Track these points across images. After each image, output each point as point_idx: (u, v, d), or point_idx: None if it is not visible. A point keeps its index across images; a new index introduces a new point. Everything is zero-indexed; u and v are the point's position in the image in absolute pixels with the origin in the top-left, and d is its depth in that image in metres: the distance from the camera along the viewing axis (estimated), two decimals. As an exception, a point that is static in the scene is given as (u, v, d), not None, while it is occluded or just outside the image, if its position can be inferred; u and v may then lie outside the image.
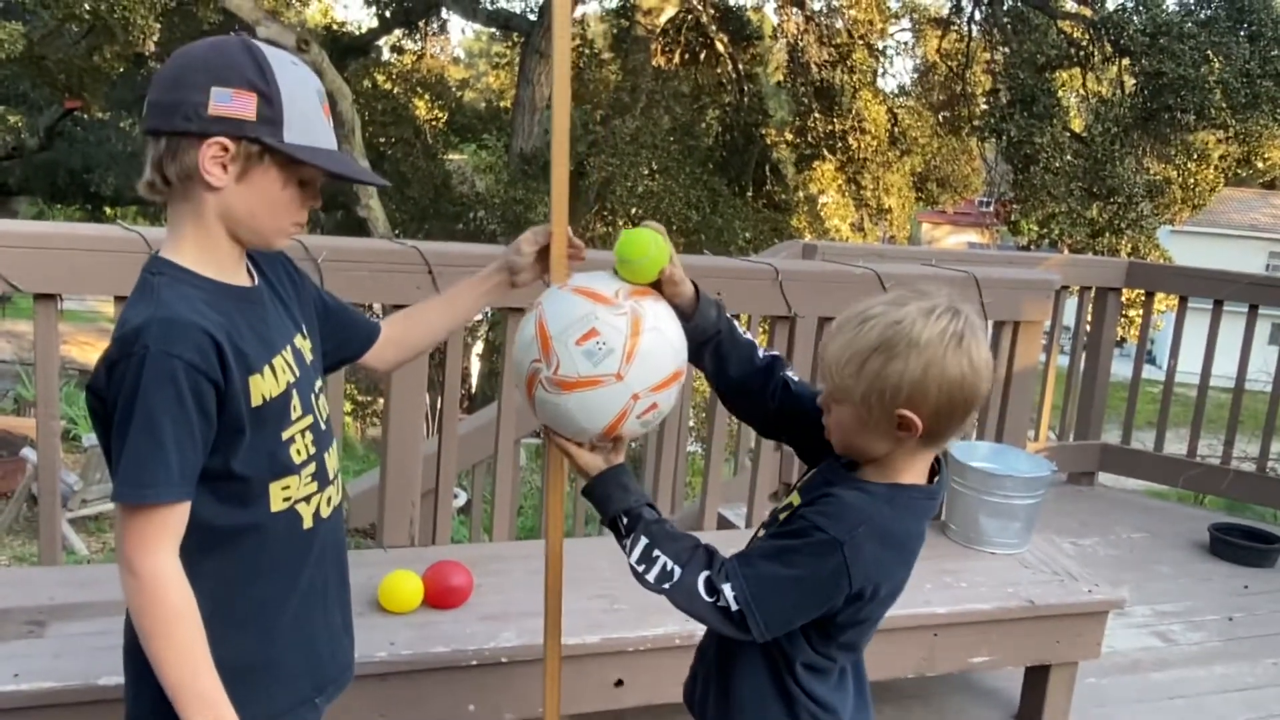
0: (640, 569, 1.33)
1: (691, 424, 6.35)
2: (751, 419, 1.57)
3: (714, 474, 3.00)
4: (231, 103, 1.21)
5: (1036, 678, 2.74)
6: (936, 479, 1.37)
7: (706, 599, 1.28)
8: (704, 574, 1.29)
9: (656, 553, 1.32)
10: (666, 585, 1.31)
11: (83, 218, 15.52)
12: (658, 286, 1.41)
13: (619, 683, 2.23)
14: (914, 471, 1.34)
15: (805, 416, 1.43)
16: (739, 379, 1.48)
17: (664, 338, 1.37)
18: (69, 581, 2.21)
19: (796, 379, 1.49)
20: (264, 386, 1.27)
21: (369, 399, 13.95)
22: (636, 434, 1.42)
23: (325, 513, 1.40)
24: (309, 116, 1.27)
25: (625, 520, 1.37)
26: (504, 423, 2.70)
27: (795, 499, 1.40)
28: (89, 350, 18.13)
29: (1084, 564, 3.03)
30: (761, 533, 1.45)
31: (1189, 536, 4.26)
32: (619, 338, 1.33)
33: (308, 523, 1.37)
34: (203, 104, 1.21)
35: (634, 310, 1.36)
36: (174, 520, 1.21)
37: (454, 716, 2.15)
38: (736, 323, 1.49)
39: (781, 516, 1.40)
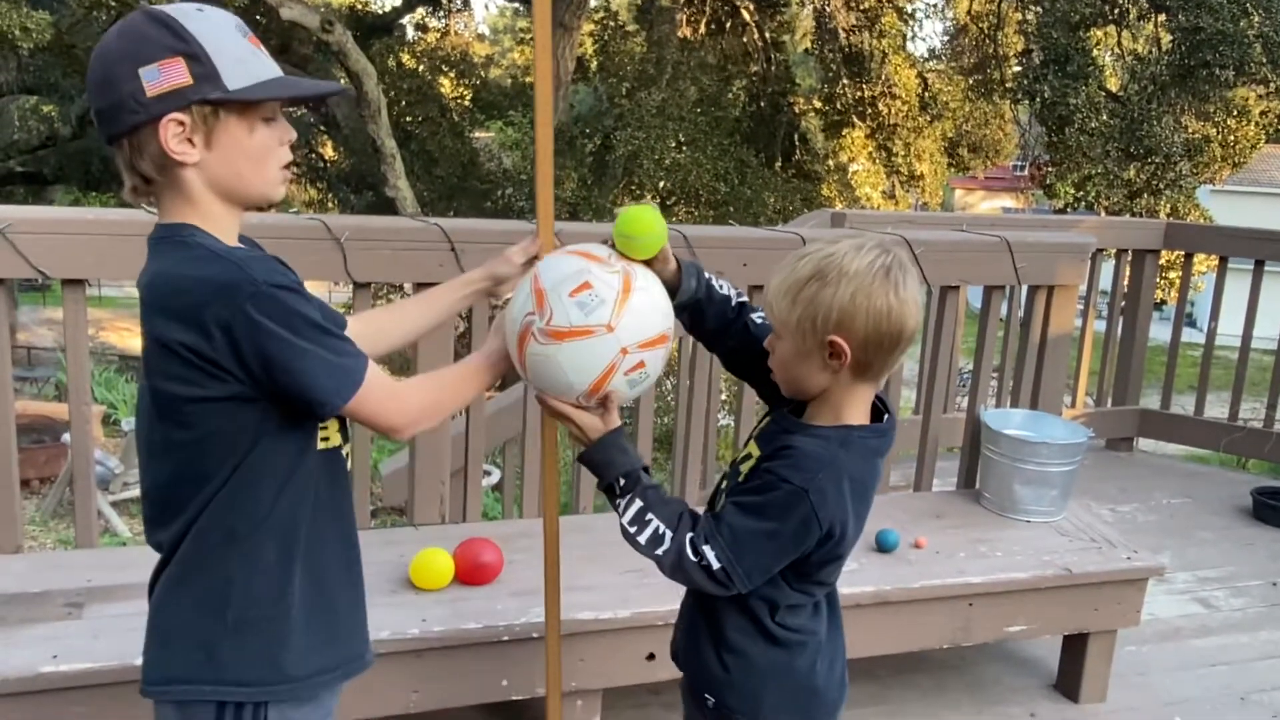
0: (632, 530, 1.40)
1: (724, 397, 6.32)
2: (719, 355, 1.66)
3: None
4: (162, 76, 1.19)
5: (1075, 646, 2.71)
6: (886, 418, 1.45)
7: (692, 559, 1.37)
8: (689, 536, 1.38)
9: (650, 516, 1.40)
10: (659, 550, 1.39)
11: (117, 204, 15.69)
12: (647, 262, 1.48)
13: (651, 656, 2.23)
14: (857, 410, 1.41)
15: (759, 354, 1.50)
16: (714, 329, 1.57)
17: (653, 299, 1.44)
18: (106, 564, 2.23)
19: (759, 320, 1.56)
20: None
21: (403, 378, 14.03)
22: (624, 396, 1.45)
23: (349, 466, 1.43)
24: (240, 56, 1.23)
25: (622, 482, 1.43)
26: (533, 399, 2.70)
27: (754, 449, 1.47)
28: (128, 336, 18.38)
29: (1123, 531, 2.98)
30: (724, 483, 1.51)
31: (1231, 501, 4.19)
32: (611, 292, 1.39)
33: (349, 464, 1.41)
34: (138, 90, 1.18)
35: (625, 270, 1.43)
36: (381, 371, 1.31)
37: (488, 691, 2.16)
38: (713, 280, 1.57)
39: (743, 467, 1.46)
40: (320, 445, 1.33)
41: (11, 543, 2.28)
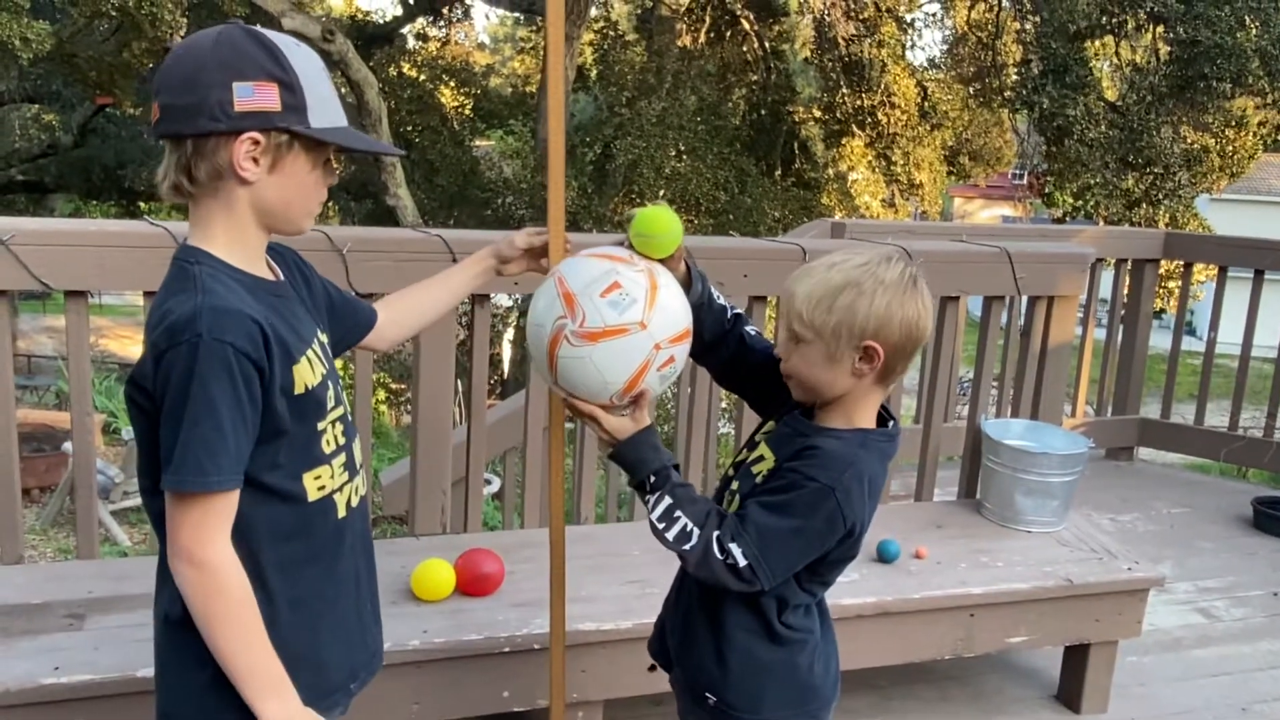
0: (661, 526, 1.43)
1: (724, 405, 6.32)
2: (711, 369, 1.69)
3: (745, 456, 2.97)
4: (255, 96, 1.21)
5: (1076, 657, 2.71)
6: (892, 424, 1.51)
7: (719, 557, 1.39)
8: (715, 534, 1.40)
9: (678, 514, 1.42)
10: (686, 546, 1.41)
11: (118, 213, 15.69)
12: (662, 262, 1.51)
13: (652, 667, 2.22)
14: (868, 415, 1.47)
15: (754, 366, 1.56)
16: (710, 340, 1.60)
17: (676, 293, 1.48)
18: (107, 575, 2.24)
19: (753, 332, 1.62)
20: (305, 375, 1.29)
21: (404, 386, 14.04)
22: (655, 391, 1.47)
23: (354, 502, 1.42)
24: (325, 97, 1.28)
25: (653, 480, 1.45)
26: (533, 408, 2.70)
27: (766, 452, 1.51)
28: (128, 344, 18.39)
29: (1123, 541, 2.99)
30: (735, 485, 1.54)
31: (1232, 511, 4.19)
32: (640, 290, 1.42)
33: (341, 512, 1.38)
34: (227, 101, 1.20)
35: (649, 268, 1.46)
36: (230, 507, 1.22)
37: (489, 703, 2.16)
38: (714, 289, 1.62)
39: (756, 470, 1.50)
40: (312, 496, 1.32)
41: (13, 553, 2.28)
